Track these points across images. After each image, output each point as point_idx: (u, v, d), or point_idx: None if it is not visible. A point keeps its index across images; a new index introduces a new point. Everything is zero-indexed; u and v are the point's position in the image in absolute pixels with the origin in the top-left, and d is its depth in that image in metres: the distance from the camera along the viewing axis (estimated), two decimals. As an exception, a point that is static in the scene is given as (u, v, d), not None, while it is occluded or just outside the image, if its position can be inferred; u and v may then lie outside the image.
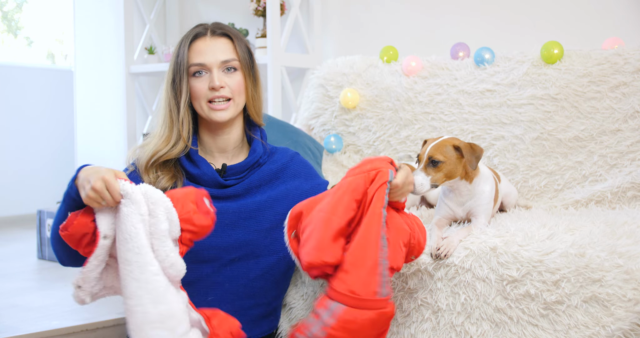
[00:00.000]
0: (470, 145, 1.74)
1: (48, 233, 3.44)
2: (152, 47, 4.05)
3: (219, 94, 1.68)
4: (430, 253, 1.72)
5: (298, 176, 1.81)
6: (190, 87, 1.69)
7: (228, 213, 1.70)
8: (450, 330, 1.69)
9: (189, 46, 1.69)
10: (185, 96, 1.69)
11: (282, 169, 1.79)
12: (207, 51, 1.68)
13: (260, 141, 1.79)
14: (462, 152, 1.72)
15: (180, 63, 1.68)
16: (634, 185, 2.11)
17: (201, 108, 1.71)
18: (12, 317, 2.39)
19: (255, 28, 3.74)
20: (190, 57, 1.68)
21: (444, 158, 1.71)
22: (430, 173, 1.71)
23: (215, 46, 1.69)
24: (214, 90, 1.68)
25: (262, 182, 1.76)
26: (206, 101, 1.69)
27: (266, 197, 1.75)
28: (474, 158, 1.73)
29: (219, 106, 1.69)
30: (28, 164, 4.93)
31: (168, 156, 1.69)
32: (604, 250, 1.56)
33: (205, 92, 1.69)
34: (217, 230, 1.68)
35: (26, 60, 5.54)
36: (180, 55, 1.69)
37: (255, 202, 1.73)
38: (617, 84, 2.22)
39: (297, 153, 1.86)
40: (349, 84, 2.69)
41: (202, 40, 1.69)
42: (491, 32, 3.02)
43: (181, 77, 1.68)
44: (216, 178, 1.71)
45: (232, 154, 1.78)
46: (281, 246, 1.72)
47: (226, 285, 1.68)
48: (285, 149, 1.85)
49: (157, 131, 1.74)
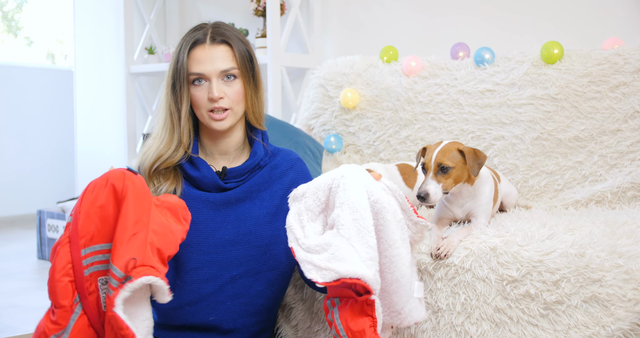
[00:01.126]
0: (473, 151, 1.73)
1: (48, 233, 3.44)
2: (152, 47, 4.05)
3: (217, 105, 1.67)
4: (430, 253, 1.72)
5: (295, 185, 1.79)
6: (190, 96, 1.69)
7: (227, 228, 1.70)
8: (450, 330, 1.69)
9: (188, 53, 1.67)
10: (186, 104, 1.68)
11: (281, 176, 1.78)
12: (206, 59, 1.66)
13: (262, 143, 1.78)
14: (465, 157, 1.72)
15: (180, 70, 1.67)
16: (634, 185, 2.11)
17: (202, 116, 1.70)
18: (12, 317, 2.39)
19: (255, 28, 3.74)
20: (189, 66, 1.66)
21: (453, 164, 1.70)
22: (440, 180, 1.69)
23: (214, 54, 1.67)
24: (213, 101, 1.67)
25: (261, 187, 1.75)
26: (207, 110, 1.69)
27: (265, 211, 1.73)
28: (476, 164, 1.71)
29: (218, 116, 1.68)
30: (28, 164, 4.93)
31: (170, 162, 1.68)
32: (604, 250, 1.56)
33: (204, 102, 1.68)
34: (217, 246, 1.68)
35: (26, 60, 5.54)
36: (180, 61, 1.67)
37: (253, 217, 1.72)
38: (617, 84, 2.22)
39: (299, 159, 1.83)
40: (349, 84, 2.69)
41: (201, 49, 1.67)
42: (491, 32, 3.02)
43: (181, 85, 1.67)
44: (216, 180, 1.70)
45: (234, 157, 1.77)
46: (279, 262, 1.73)
47: (228, 303, 1.68)
48: (288, 152, 1.83)
49: (157, 133, 1.72)
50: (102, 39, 4.12)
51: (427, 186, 1.67)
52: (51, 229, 3.41)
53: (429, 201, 1.67)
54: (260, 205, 1.73)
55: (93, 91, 4.19)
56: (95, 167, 4.13)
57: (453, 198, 1.82)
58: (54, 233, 3.40)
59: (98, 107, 4.16)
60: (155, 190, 1.67)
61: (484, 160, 1.73)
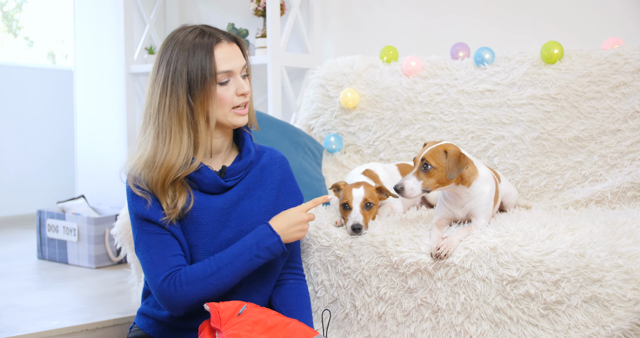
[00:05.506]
0: (459, 155, 1.72)
1: (48, 233, 3.44)
2: (152, 47, 4.05)
3: (246, 100, 1.69)
4: (430, 253, 1.72)
5: (284, 185, 1.81)
6: (216, 96, 1.66)
7: (230, 227, 1.71)
8: (450, 330, 1.69)
9: (212, 53, 1.63)
10: (214, 105, 1.64)
11: (272, 175, 1.80)
12: (231, 57, 1.66)
13: (250, 136, 1.81)
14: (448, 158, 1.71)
15: (203, 73, 1.62)
16: (634, 185, 2.11)
17: (225, 115, 1.68)
18: (12, 317, 2.39)
19: (255, 28, 3.74)
20: (218, 65, 1.63)
21: (436, 164, 1.70)
22: (422, 177, 1.71)
23: (234, 51, 1.68)
24: (243, 96, 1.68)
25: (256, 185, 1.77)
26: (231, 107, 1.68)
27: (263, 209, 1.75)
28: (455, 168, 1.70)
29: (243, 111, 1.70)
30: (28, 164, 4.93)
31: (187, 172, 1.65)
32: (604, 250, 1.56)
33: (232, 100, 1.67)
34: (221, 245, 1.69)
35: (26, 60, 5.54)
36: (202, 65, 1.62)
37: (254, 215, 1.73)
38: (617, 84, 2.22)
39: (284, 157, 1.85)
40: (349, 84, 2.69)
41: (222, 48, 1.65)
42: (491, 32, 3.02)
43: (205, 87, 1.62)
44: (218, 180, 1.71)
45: (226, 155, 1.79)
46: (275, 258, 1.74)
47: (228, 298, 1.69)
48: (272, 150, 1.85)
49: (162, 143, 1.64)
50: (102, 39, 4.12)
51: (405, 181, 1.70)
52: (51, 229, 3.41)
53: (403, 195, 1.70)
54: (258, 203, 1.75)
55: (93, 91, 4.18)
56: (95, 167, 4.13)
57: (452, 198, 1.82)
58: (54, 233, 3.40)
59: (98, 107, 4.15)
60: (174, 206, 1.63)
61: (464, 166, 1.72)
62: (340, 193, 2.00)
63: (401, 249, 1.77)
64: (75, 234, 3.31)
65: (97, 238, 3.27)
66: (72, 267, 3.31)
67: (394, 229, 1.84)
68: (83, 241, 3.29)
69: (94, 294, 2.76)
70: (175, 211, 1.63)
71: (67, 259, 3.37)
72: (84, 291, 2.81)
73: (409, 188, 1.70)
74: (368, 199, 1.92)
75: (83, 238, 3.29)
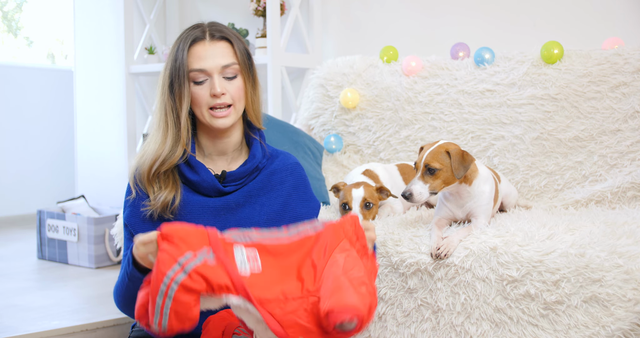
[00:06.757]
0: (461, 153, 1.73)
1: (48, 233, 3.44)
2: (152, 47, 4.05)
3: (220, 102, 1.64)
4: (430, 253, 1.72)
5: (295, 192, 1.78)
6: (191, 94, 1.67)
7: None
8: (450, 330, 1.69)
9: (188, 50, 1.65)
10: (186, 103, 1.65)
11: (281, 183, 1.75)
12: (207, 55, 1.64)
13: (260, 143, 1.77)
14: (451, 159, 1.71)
15: (179, 68, 1.64)
16: (634, 185, 2.11)
17: (202, 115, 1.68)
18: (12, 317, 2.39)
19: (255, 28, 3.74)
20: (190, 63, 1.64)
21: (440, 165, 1.71)
22: (427, 180, 1.71)
23: (214, 50, 1.65)
24: (216, 97, 1.65)
25: (260, 191, 1.73)
26: (207, 108, 1.66)
27: (265, 217, 1.69)
28: (462, 167, 1.71)
29: (221, 114, 1.66)
30: (28, 164, 4.93)
31: (170, 163, 1.66)
32: (604, 250, 1.56)
33: (206, 100, 1.65)
34: None
35: (26, 60, 5.54)
36: (179, 59, 1.64)
37: (254, 223, 1.67)
38: (617, 84, 2.22)
39: (298, 164, 1.80)
40: (349, 84, 2.69)
41: (201, 45, 1.65)
42: (491, 32, 3.02)
43: (181, 83, 1.64)
44: (216, 184, 1.68)
45: (232, 157, 1.76)
46: None
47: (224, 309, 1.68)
48: (286, 156, 1.81)
49: (152, 136, 1.70)
50: (102, 39, 4.12)
51: (412, 186, 1.71)
52: (51, 229, 3.41)
53: (412, 201, 1.70)
54: (260, 210, 1.71)
55: (93, 91, 4.18)
56: (95, 167, 4.13)
57: (452, 198, 1.82)
58: (54, 233, 3.40)
59: (98, 107, 4.15)
60: (154, 198, 1.63)
61: (470, 163, 1.72)
62: (340, 193, 2.00)
63: (401, 249, 1.77)
64: (75, 234, 3.31)
65: (97, 238, 3.27)
66: (72, 267, 3.31)
67: (394, 229, 1.84)
68: (83, 241, 3.29)
69: (94, 294, 2.75)
70: (157, 204, 1.61)
71: (67, 259, 3.37)
72: (84, 291, 2.81)
73: (417, 193, 1.70)
74: (368, 199, 1.92)
75: (83, 238, 3.29)
